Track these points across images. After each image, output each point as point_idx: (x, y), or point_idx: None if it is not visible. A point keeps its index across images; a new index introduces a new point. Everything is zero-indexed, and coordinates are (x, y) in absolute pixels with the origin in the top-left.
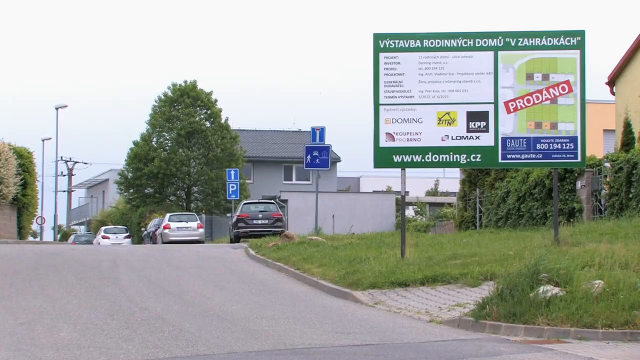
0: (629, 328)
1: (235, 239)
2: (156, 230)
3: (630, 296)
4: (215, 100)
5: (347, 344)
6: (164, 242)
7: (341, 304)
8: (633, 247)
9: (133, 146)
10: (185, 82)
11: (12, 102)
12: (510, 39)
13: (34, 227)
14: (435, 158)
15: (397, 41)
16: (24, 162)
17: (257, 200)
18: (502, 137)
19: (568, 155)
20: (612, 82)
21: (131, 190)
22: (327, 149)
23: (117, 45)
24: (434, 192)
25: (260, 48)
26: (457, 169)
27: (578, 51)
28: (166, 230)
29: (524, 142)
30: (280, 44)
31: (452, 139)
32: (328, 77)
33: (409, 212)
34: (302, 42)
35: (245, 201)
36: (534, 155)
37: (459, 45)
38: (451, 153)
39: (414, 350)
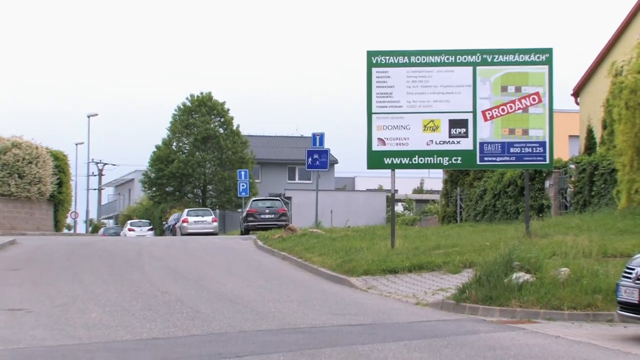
0: (591, 310)
1: (245, 231)
2: (176, 223)
3: (593, 282)
4: (228, 109)
5: (344, 324)
6: (182, 234)
7: (338, 288)
8: (595, 239)
9: (155, 149)
10: (202, 93)
11: (50, 112)
12: (487, 56)
13: (69, 221)
14: (421, 160)
15: (387, 57)
16: (60, 163)
17: (264, 198)
18: (480, 142)
19: (538, 158)
20: (576, 93)
21: (154, 189)
22: (325, 152)
23: (140, 61)
24: (419, 190)
25: (267, 61)
26: (441, 170)
27: (546, 66)
28: (184, 224)
29: (499, 147)
30: (284, 57)
31: (436, 143)
32: (328, 87)
33: (398, 208)
34: (304, 56)
35: (254, 198)
36: (507, 158)
37: (442, 61)
38: (435, 156)
39: (402, 329)
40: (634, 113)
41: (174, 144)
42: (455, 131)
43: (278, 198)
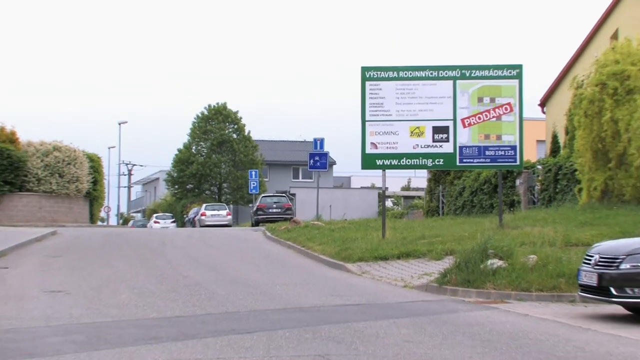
0: (556, 292)
1: (255, 223)
2: (195, 216)
3: (557, 267)
4: (240, 118)
5: (341, 304)
6: (201, 226)
7: (336, 273)
8: (559, 230)
9: (177, 152)
10: (218, 103)
11: (86, 119)
12: (466, 71)
13: (102, 214)
14: (408, 162)
15: (379, 72)
16: (94, 164)
17: (272, 194)
18: (459, 146)
19: (509, 160)
20: (543, 103)
21: (176, 186)
22: (325, 154)
23: (162, 75)
24: (407, 188)
25: (275, 74)
26: (425, 170)
27: (517, 80)
28: (202, 217)
29: (476, 150)
30: (290, 70)
31: (421, 147)
32: (328, 97)
33: (388, 203)
34: (307, 69)
35: (263, 195)
36: (483, 160)
37: (426, 75)
38: (420, 158)
39: (392, 308)
40: (592, 121)
41: (194, 147)
42: (438, 136)
43: (284, 195)
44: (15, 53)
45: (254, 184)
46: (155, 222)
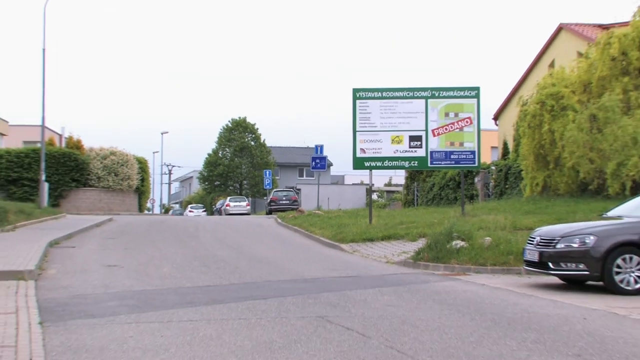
0: (506, 266)
1: (269, 212)
2: (221, 207)
3: (507, 247)
4: (257, 128)
5: (337, 276)
6: (226, 214)
7: (333, 252)
8: (508, 217)
9: (207, 156)
10: (239, 117)
11: (136, 130)
12: (435, 92)
13: (148, 205)
14: (390, 163)
15: (367, 93)
16: (142, 165)
17: (282, 189)
18: (430, 151)
19: (469, 162)
20: (496, 117)
21: (206, 183)
22: (324, 158)
23: (194, 93)
24: (389, 184)
25: (286, 92)
26: (403, 170)
27: (475, 99)
28: (227, 207)
29: (443, 154)
30: (297, 88)
31: (400, 152)
32: (329, 108)
33: (374, 196)
34: (311, 85)
35: (275, 190)
36: (449, 162)
37: (404, 95)
38: (399, 160)
39: (377, 280)
40: (533, 131)
41: (220, 152)
42: (413, 143)
43: (291, 189)
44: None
45: (267, 181)
46: (190, 211)
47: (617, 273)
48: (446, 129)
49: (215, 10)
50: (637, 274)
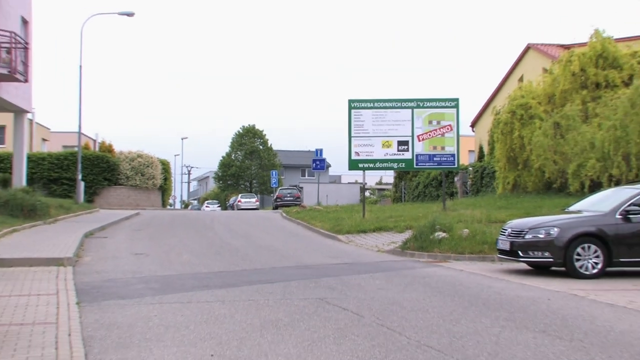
0: (482, 254)
1: (275, 207)
2: (234, 202)
3: (482, 237)
4: (265, 134)
5: (334, 263)
6: (237, 209)
7: (331, 242)
8: (483, 212)
9: (222, 158)
10: (249, 124)
11: (159, 135)
12: (420, 102)
13: (170, 201)
14: (380, 165)
15: (360, 103)
16: (165, 166)
17: (287, 187)
18: (416, 154)
19: (450, 164)
20: (473, 125)
21: (220, 182)
22: (323, 160)
23: (209, 103)
24: (380, 183)
25: (292, 101)
26: (392, 171)
27: (455, 109)
28: (239, 203)
29: (427, 157)
30: (301, 97)
31: (389, 155)
32: (330, 119)
33: (367, 193)
34: (314, 96)
35: (280, 188)
36: (432, 164)
37: (393, 105)
38: (389, 162)
39: (369, 266)
40: (505, 137)
41: (233, 155)
42: (401, 148)
43: (295, 187)
44: (114, 88)
45: (274, 180)
46: (206, 206)
47: (577, 260)
48: (429, 135)
49: (221, 15)
50: (594, 260)
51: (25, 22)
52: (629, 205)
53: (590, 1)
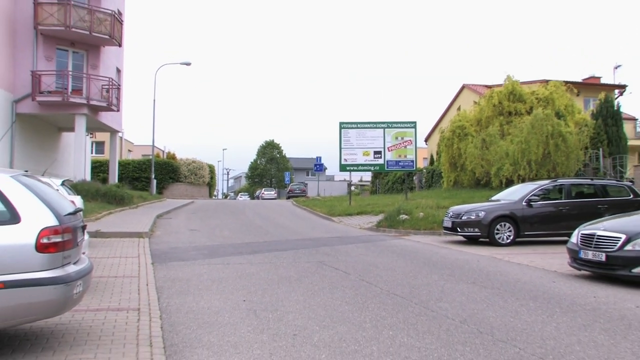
0: (432, 230)
1: (288, 198)
2: (259, 194)
3: (432, 218)
4: (281, 146)
5: (330, 237)
6: (261, 199)
7: (327, 222)
8: (434, 201)
9: (250, 163)
10: (270, 139)
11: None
12: (389, 124)
13: (215, 193)
14: (362, 168)
15: (348, 124)
16: (211, 169)
17: (296, 183)
18: (387, 160)
19: (410, 167)
20: (426, 139)
21: (249, 180)
22: (322, 164)
23: (244, 119)
24: (361, 180)
25: (302, 118)
26: (370, 172)
27: (414, 129)
28: (262, 194)
29: (395, 162)
30: (308, 114)
31: (368, 161)
32: (330, 132)
33: (352, 188)
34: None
35: (291, 184)
36: (398, 167)
37: (370, 126)
38: (368, 166)
39: (354, 239)
40: (448, 149)
41: (258, 161)
42: (376, 156)
43: (302, 183)
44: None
45: (287, 178)
46: (240, 197)
47: (497, 233)
48: (396, 147)
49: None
50: (508, 234)
51: (118, 71)
52: (531, 196)
53: (505, 55)
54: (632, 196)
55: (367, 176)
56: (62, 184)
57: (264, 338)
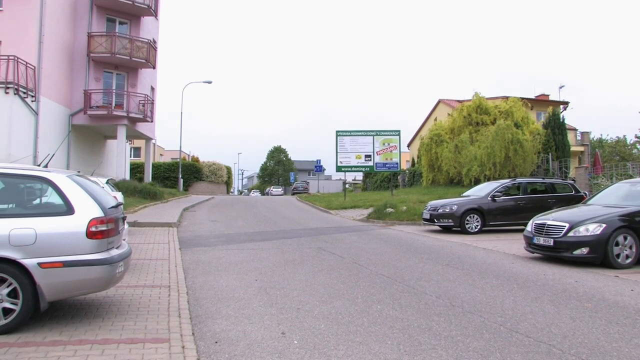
0: (414, 221)
1: (293, 194)
2: (269, 191)
3: (415, 211)
4: (287, 151)
5: (328, 227)
6: (270, 195)
7: (325, 214)
8: (415, 196)
9: (261, 165)
10: (278, 145)
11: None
12: (378, 132)
13: (231, 190)
14: (355, 169)
15: (343, 132)
16: (228, 170)
17: (300, 182)
18: (375, 163)
19: (396, 168)
20: (409, 145)
21: (261, 179)
22: (321, 165)
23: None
24: (354, 179)
25: (303, 124)
26: (362, 172)
27: (398, 136)
28: (271, 191)
29: (382, 164)
30: (310, 120)
31: (360, 163)
32: (329, 137)
33: (347, 186)
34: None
35: (296, 182)
36: (385, 168)
37: (362, 134)
38: (360, 167)
39: (348, 228)
40: (427, 153)
41: (267, 163)
42: (367, 159)
43: (304, 182)
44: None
45: (292, 178)
46: (252, 193)
47: (467, 224)
48: (384, 152)
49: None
50: (475, 224)
51: (152, 89)
52: (495, 192)
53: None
54: (574, 192)
55: (359, 176)
56: (107, 182)
57: (272, 311)
